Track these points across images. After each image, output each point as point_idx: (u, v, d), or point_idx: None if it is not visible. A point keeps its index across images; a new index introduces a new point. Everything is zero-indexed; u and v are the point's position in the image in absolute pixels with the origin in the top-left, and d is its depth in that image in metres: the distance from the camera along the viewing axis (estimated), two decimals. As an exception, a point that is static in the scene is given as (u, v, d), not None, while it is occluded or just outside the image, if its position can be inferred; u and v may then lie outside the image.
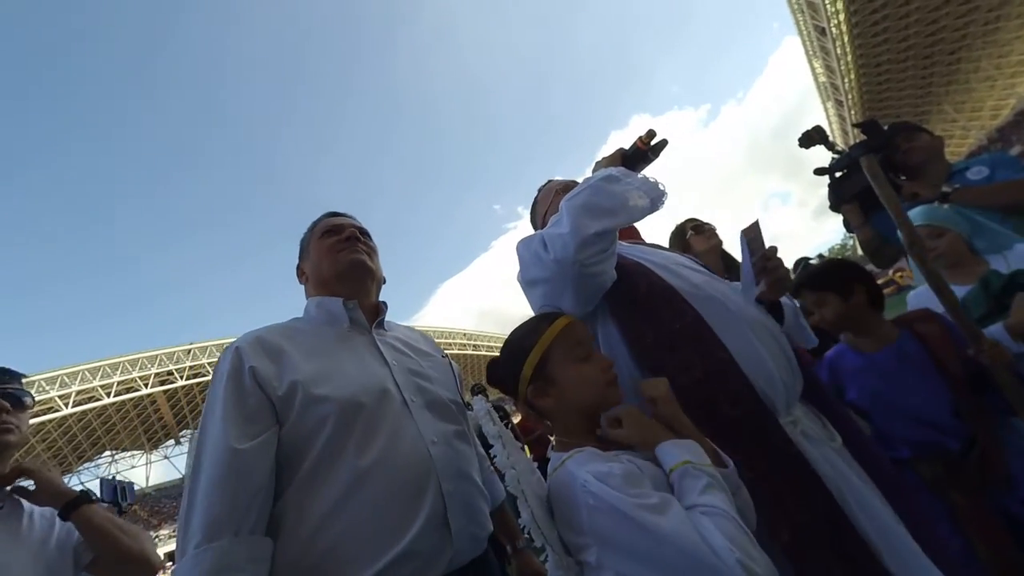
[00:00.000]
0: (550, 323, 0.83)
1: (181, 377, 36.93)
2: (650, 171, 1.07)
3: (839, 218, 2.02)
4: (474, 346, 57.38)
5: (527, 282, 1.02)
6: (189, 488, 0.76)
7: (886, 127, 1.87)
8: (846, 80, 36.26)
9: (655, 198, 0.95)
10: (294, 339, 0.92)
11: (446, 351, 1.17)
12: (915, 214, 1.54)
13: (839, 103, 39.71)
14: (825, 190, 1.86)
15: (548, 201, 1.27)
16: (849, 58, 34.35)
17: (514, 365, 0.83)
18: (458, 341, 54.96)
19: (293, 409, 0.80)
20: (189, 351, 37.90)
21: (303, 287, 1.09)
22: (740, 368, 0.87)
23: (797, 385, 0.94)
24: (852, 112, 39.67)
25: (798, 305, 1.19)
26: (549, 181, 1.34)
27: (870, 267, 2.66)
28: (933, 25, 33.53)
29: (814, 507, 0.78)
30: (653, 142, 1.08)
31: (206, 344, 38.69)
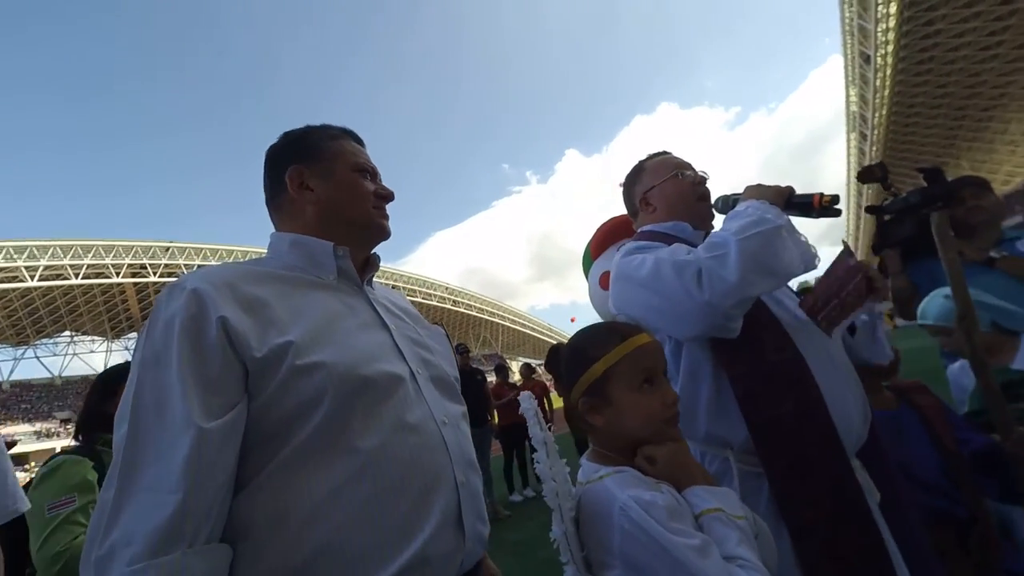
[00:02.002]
0: (623, 339, 0.76)
1: (155, 273, 36.31)
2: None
3: (838, 247, 1.96)
4: (454, 301, 57.58)
5: (653, 292, 0.92)
6: (120, 475, 0.55)
7: (951, 179, 1.79)
8: (877, 114, 35.86)
9: (807, 269, 0.90)
10: (272, 286, 0.72)
11: (425, 301, 0.96)
12: (925, 310, 1.55)
13: (863, 136, 39.44)
14: (828, 220, 1.84)
15: (661, 178, 1.14)
16: (886, 92, 33.87)
17: (574, 368, 0.78)
18: (438, 293, 55.02)
19: (274, 378, 0.62)
20: (168, 249, 37.15)
21: (278, 203, 0.84)
22: (828, 411, 0.85)
23: (865, 435, 0.93)
24: (873, 148, 39.49)
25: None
26: (664, 152, 1.21)
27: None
28: (974, 78, 33.12)
29: (869, 555, 0.80)
30: (830, 206, 0.95)
31: (185, 246, 37.90)
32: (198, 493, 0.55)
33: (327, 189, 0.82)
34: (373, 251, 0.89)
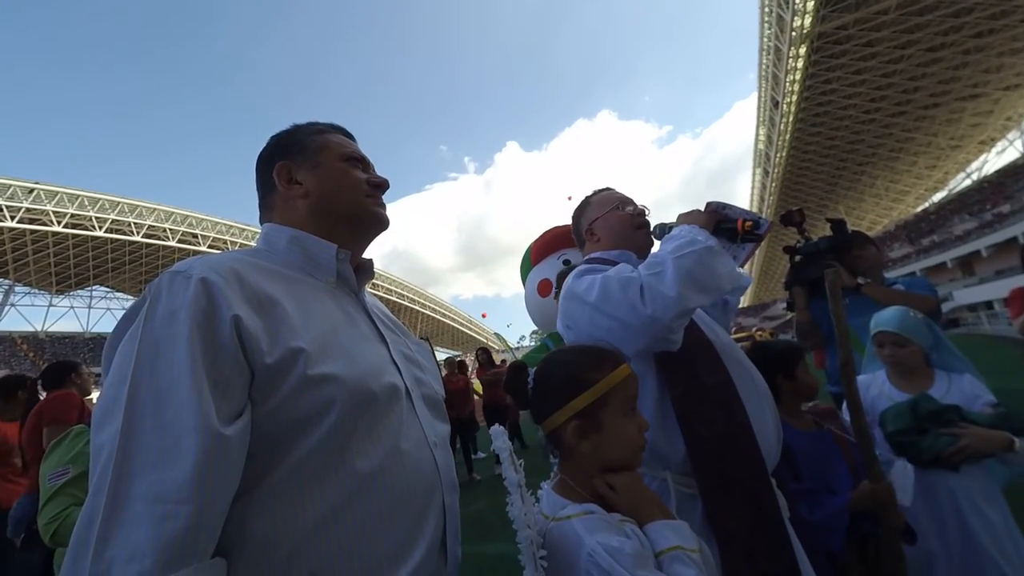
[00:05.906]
0: (616, 365, 0.79)
1: (12, 218, 30.79)
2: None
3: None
4: (372, 284, 55.33)
5: (602, 312, 0.97)
6: (113, 480, 0.49)
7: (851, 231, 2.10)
8: (778, 155, 40.19)
9: (735, 289, 1.00)
10: (278, 284, 0.67)
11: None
12: (888, 317, 1.59)
13: (766, 172, 44.00)
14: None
15: (604, 210, 1.24)
16: (787, 136, 38.07)
17: (566, 389, 0.77)
18: (358, 274, 52.25)
19: (283, 387, 0.58)
20: (32, 191, 31.57)
21: (270, 202, 0.81)
22: (753, 434, 0.94)
23: (778, 455, 1.05)
24: (773, 184, 44.28)
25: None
26: (608, 188, 1.30)
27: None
28: (855, 136, 38.46)
29: (782, 564, 0.89)
30: (751, 231, 1.05)
31: (58, 190, 32.49)
32: (213, 504, 0.51)
33: (315, 181, 0.79)
34: (368, 257, 0.87)
